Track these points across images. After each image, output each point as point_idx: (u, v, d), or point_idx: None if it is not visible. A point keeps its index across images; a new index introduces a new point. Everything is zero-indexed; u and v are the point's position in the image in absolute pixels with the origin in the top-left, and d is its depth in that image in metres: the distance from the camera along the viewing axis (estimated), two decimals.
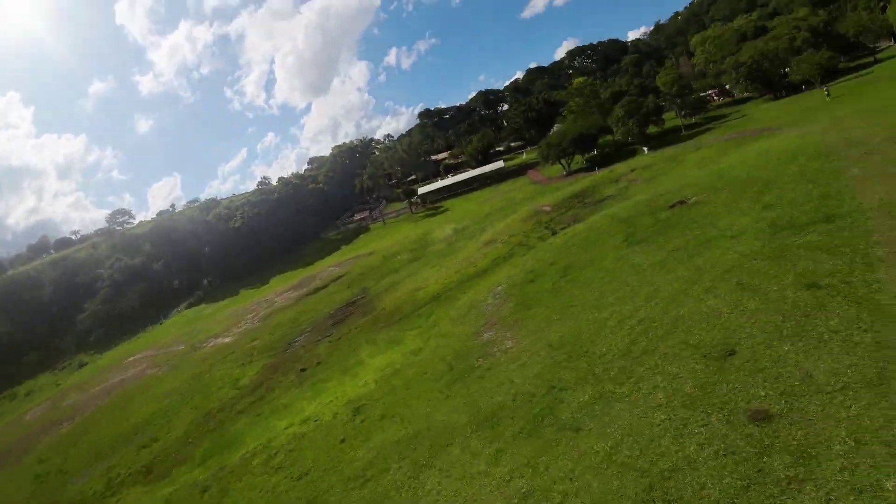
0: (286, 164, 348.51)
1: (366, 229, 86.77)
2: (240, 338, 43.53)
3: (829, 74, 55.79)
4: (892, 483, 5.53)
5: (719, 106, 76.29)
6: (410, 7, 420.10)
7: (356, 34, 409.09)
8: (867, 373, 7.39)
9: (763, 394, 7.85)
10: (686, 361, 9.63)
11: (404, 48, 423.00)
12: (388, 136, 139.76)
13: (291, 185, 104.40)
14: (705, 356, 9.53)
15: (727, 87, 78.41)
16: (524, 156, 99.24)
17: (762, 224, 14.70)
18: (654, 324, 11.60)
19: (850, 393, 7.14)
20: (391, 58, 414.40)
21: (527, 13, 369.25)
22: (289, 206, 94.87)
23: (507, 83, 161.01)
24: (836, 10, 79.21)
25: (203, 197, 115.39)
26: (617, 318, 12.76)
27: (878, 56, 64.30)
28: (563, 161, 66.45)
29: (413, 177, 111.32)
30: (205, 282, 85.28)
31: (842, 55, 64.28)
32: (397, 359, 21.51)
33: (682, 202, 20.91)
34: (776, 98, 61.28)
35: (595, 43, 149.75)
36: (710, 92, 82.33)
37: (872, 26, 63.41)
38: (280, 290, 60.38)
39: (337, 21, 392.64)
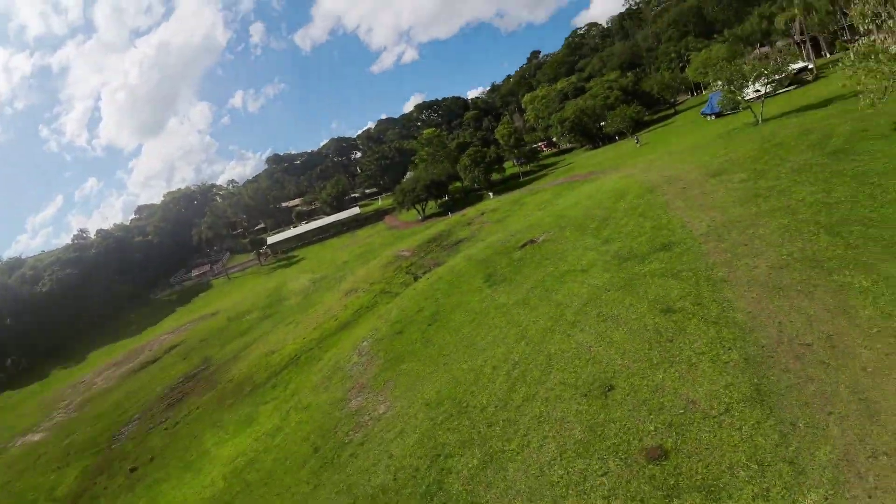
0: (111, 214, 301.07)
1: (206, 286, 77.19)
2: (53, 433, 34.48)
3: (638, 125, 65.98)
4: (809, 500, 5.39)
5: (548, 156, 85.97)
6: (259, 51, 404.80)
7: (197, 73, 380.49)
8: (745, 391, 7.48)
9: (652, 428, 7.57)
10: (569, 403, 9.17)
11: (251, 91, 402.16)
12: (233, 181, 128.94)
13: (113, 239, 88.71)
14: (586, 395, 9.18)
15: (554, 139, 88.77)
16: (380, 202, 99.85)
17: (607, 256, 15.59)
18: (529, 365, 11.14)
19: (736, 414, 7.12)
20: (237, 100, 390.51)
21: (376, 68, 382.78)
22: (111, 264, 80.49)
23: (359, 132, 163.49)
24: (642, 71, 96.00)
25: (6, 255, 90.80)
26: (492, 364, 12.11)
27: (678, 108, 76.18)
28: (417, 206, 68.04)
29: (261, 225, 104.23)
30: (8, 362, 67.06)
31: (648, 108, 76.93)
32: (250, 444, 18.22)
33: (531, 241, 21.82)
34: (595, 147, 70.94)
35: (440, 99, 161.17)
36: (540, 143, 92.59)
37: (673, 83, 76.81)
38: (101, 368, 49.98)
39: (177, 58, 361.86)
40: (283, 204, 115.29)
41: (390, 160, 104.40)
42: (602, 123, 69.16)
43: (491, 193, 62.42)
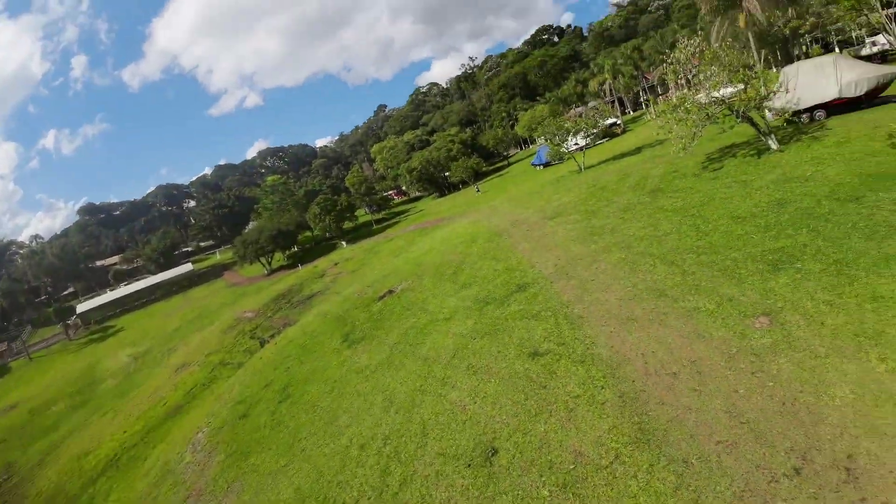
0: None
1: (3, 371, 60.41)
2: None
3: (478, 175, 72.01)
4: None
5: (399, 203, 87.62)
6: (79, 86, 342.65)
7: (5, 109, 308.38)
8: (629, 432, 7.18)
9: (547, 493, 6.87)
10: (452, 479, 8.06)
11: (67, 131, 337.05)
12: (37, 236, 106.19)
13: None
14: (469, 465, 8.18)
15: (404, 187, 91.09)
16: (218, 256, 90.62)
17: (468, 302, 15.24)
18: (402, 439, 9.83)
19: (627, 460, 6.73)
20: (48, 140, 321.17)
21: (215, 111, 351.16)
22: None
23: (194, 178, 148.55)
24: (478, 127, 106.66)
25: None
26: (359, 443, 10.47)
27: (511, 160, 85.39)
28: (263, 259, 62.64)
29: (71, 289, 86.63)
30: None
31: (485, 160, 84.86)
32: None
33: (390, 291, 20.88)
34: (442, 195, 74.27)
35: (286, 146, 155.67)
36: (390, 192, 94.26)
37: (506, 138, 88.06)
38: None
39: None
40: (99, 262, 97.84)
41: (229, 209, 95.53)
42: (447, 173, 73.15)
43: (344, 242, 60.58)
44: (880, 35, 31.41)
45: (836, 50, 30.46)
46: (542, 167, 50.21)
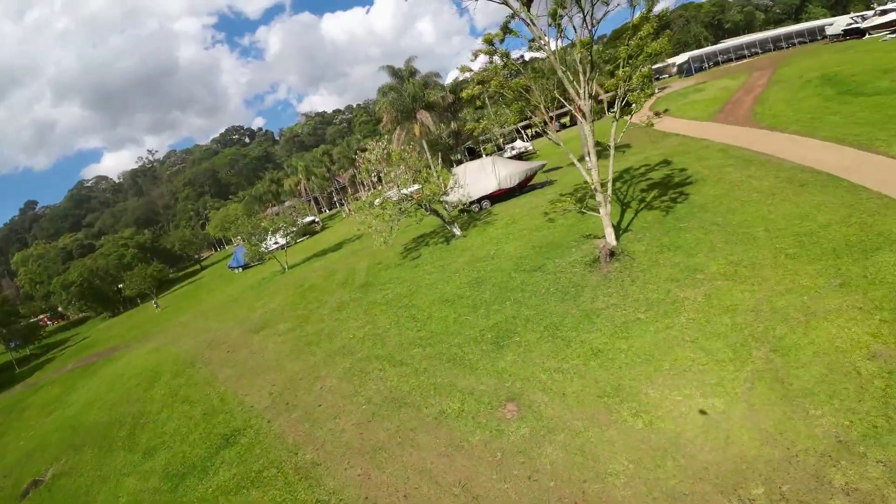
0: None
1: None
2: None
3: (163, 284, 60.32)
4: None
5: (55, 331, 67.05)
6: None
7: None
8: None
9: None
10: None
11: None
12: None
13: None
14: None
15: (60, 308, 70.66)
16: None
17: (154, 480, 10.92)
18: None
19: None
20: None
21: None
22: None
23: None
24: (160, 228, 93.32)
25: None
26: None
27: (204, 263, 76.23)
28: None
29: None
30: None
31: (172, 266, 73.31)
32: None
33: (36, 482, 13.96)
34: (115, 314, 59.81)
35: None
36: (41, 317, 72.07)
37: (195, 240, 77.27)
38: None
39: None
40: None
41: None
42: (121, 285, 59.95)
43: None
44: (518, 141, 41.65)
45: (483, 154, 38.55)
46: (241, 269, 45.70)
